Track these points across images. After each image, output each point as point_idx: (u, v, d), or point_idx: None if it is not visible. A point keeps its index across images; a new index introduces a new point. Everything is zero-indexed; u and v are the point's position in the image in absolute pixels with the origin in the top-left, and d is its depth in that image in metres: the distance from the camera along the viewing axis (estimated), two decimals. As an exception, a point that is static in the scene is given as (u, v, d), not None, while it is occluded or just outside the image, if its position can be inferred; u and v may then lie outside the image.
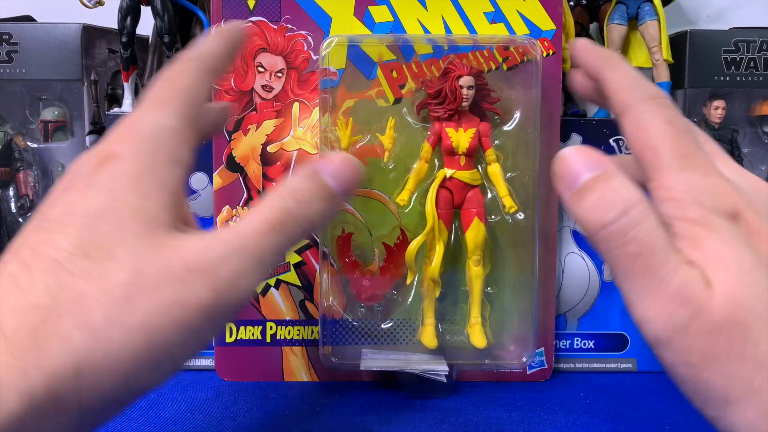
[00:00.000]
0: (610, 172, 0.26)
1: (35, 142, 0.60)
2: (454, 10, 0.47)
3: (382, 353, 0.45)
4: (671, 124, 0.26)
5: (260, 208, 0.27)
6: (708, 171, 0.26)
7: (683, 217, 0.25)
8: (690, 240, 0.25)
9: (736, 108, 0.60)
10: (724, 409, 0.23)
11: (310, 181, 0.28)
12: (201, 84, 0.29)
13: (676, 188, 0.25)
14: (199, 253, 0.25)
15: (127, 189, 0.25)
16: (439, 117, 0.44)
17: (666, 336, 0.24)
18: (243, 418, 0.42)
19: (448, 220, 0.44)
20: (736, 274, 0.24)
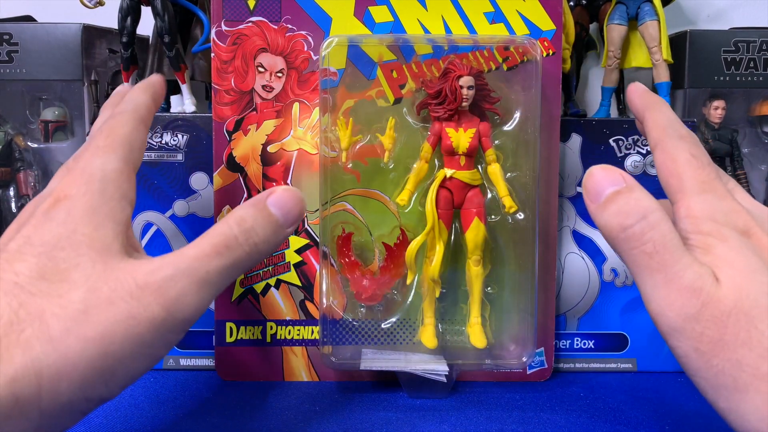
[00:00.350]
0: (631, 185, 0.30)
1: (35, 142, 0.60)
2: (454, 10, 0.47)
3: (382, 353, 0.45)
4: (695, 157, 0.31)
5: (208, 233, 0.30)
6: (724, 195, 0.29)
7: (698, 230, 0.28)
8: (703, 248, 0.28)
9: (735, 108, 0.60)
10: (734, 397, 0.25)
11: (254, 209, 0.31)
12: (137, 132, 0.34)
13: (694, 207, 0.29)
14: (150, 273, 0.27)
15: (81, 221, 0.28)
16: (439, 117, 0.44)
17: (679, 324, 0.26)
18: (243, 418, 0.42)
19: (448, 220, 0.44)
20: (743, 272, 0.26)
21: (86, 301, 0.26)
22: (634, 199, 0.29)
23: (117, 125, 0.33)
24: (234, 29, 0.47)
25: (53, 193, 0.30)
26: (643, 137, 0.53)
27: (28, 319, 0.25)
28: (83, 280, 0.26)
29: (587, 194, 0.31)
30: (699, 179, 0.30)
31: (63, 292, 0.26)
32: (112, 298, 0.26)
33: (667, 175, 0.31)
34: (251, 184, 0.48)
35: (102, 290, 0.26)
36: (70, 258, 0.27)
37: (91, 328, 0.25)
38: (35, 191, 0.60)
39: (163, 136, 0.53)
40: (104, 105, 0.39)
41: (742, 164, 0.60)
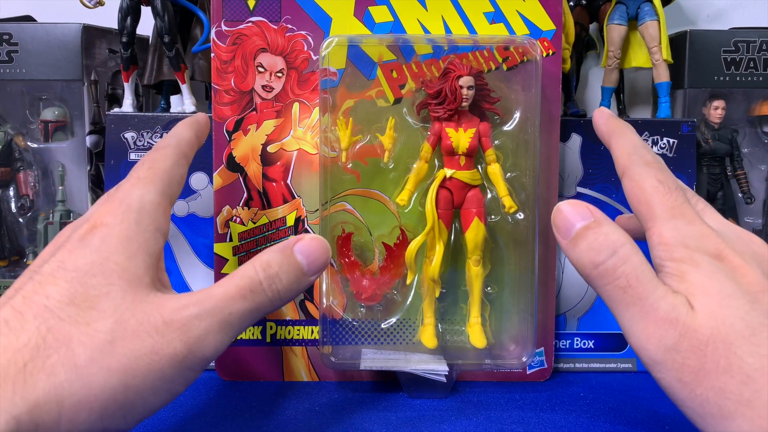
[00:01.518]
0: (600, 219, 0.30)
1: (35, 142, 0.60)
2: (454, 10, 0.47)
3: (382, 353, 0.45)
4: (662, 183, 0.31)
5: (235, 274, 0.31)
6: (693, 219, 0.29)
7: (671, 257, 0.28)
8: (677, 276, 0.28)
9: (735, 108, 0.60)
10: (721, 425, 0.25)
11: (281, 255, 0.32)
12: (178, 167, 0.34)
13: (665, 234, 0.29)
14: (176, 311, 0.28)
15: (115, 250, 0.29)
16: (439, 117, 0.44)
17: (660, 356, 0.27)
18: (243, 418, 0.42)
19: (448, 220, 0.44)
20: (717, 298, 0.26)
21: (113, 332, 0.26)
22: (603, 234, 0.30)
23: (159, 158, 0.34)
24: (234, 29, 0.47)
25: (90, 219, 0.30)
26: (643, 137, 0.53)
27: (55, 345, 0.25)
28: (112, 310, 0.27)
29: (557, 230, 0.31)
30: (668, 205, 0.30)
31: (91, 320, 0.26)
32: (138, 332, 0.27)
33: (637, 202, 0.31)
34: (251, 184, 0.48)
35: (129, 322, 0.27)
36: (101, 285, 0.27)
37: (115, 360, 0.26)
38: (35, 191, 0.60)
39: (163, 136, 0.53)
40: None
41: (742, 164, 0.60)
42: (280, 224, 0.48)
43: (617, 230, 0.30)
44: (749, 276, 0.27)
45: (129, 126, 0.53)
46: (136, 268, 0.29)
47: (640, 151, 0.33)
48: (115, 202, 0.31)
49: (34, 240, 0.60)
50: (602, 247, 0.29)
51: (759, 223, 0.61)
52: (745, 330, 0.25)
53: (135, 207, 0.30)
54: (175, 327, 0.27)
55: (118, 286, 0.28)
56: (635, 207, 0.31)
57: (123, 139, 0.53)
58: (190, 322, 0.28)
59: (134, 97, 0.58)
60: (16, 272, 0.59)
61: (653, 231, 0.30)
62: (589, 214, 0.31)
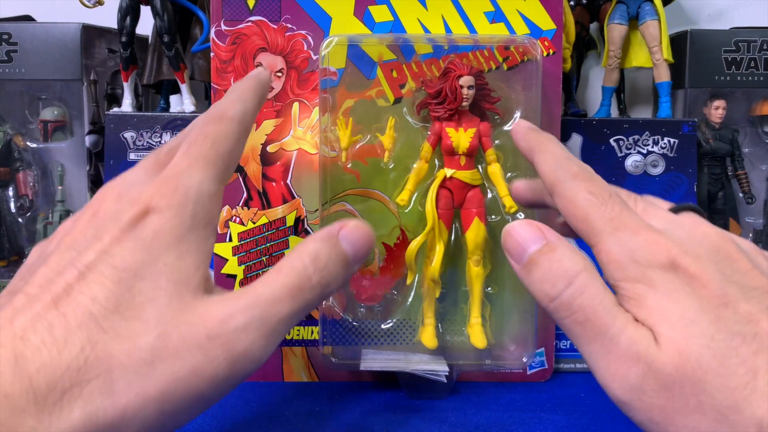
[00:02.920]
0: (552, 243, 0.28)
1: (35, 142, 0.60)
2: (454, 10, 0.47)
3: (382, 353, 0.45)
4: (593, 194, 0.28)
5: (280, 269, 0.28)
6: (637, 228, 0.27)
7: (624, 277, 0.26)
8: (634, 299, 0.26)
9: (736, 108, 0.60)
10: None
11: (328, 245, 0.29)
12: (239, 148, 0.30)
13: (612, 251, 0.27)
14: (221, 323, 0.25)
15: (167, 248, 0.26)
16: (439, 117, 0.44)
17: (627, 397, 0.25)
18: (243, 418, 0.42)
19: (448, 220, 0.44)
20: (680, 327, 0.24)
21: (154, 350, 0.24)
22: (557, 261, 0.27)
23: (223, 135, 0.29)
24: (233, 29, 0.47)
25: (141, 198, 0.27)
26: (644, 137, 0.53)
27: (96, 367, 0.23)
28: (155, 321, 0.24)
29: (509, 255, 0.29)
30: (606, 217, 0.27)
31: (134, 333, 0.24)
32: (180, 349, 0.24)
33: (574, 220, 0.29)
34: (251, 183, 0.48)
35: (172, 337, 0.24)
36: (148, 290, 0.25)
37: (152, 385, 0.24)
38: (34, 191, 0.60)
39: (163, 136, 0.53)
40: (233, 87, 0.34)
41: (742, 164, 0.60)
42: (280, 224, 0.48)
43: (572, 255, 0.27)
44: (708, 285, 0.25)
45: (128, 126, 0.53)
46: (186, 269, 0.26)
47: (565, 164, 0.30)
48: (170, 184, 0.27)
49: (34, 240, 0.60)
50: (556, 277, 0.27)
51: (759, 223, 0.61)
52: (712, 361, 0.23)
53: (192, 197, 0.27)
54: (219, 342, 0.25)
55: (165, 290, 0.25)
56: (573, 225, 0.29)
57: (122, 138, 0.53)
58: (236, 335, 0.25)
59: (134, 96, 0.58)
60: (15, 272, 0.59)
61: (599, 248, 0.27)
62: (541, 236, 0.28)
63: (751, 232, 0.61)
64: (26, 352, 0.23)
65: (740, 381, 0.23)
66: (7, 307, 0.24)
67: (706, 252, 0.26)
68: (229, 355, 0.25)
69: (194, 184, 0.27)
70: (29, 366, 0.22)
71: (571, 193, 0.29)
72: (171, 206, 0.26)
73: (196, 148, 0.28)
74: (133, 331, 0.24)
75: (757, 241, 0.61)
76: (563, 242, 0.28)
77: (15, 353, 0.23)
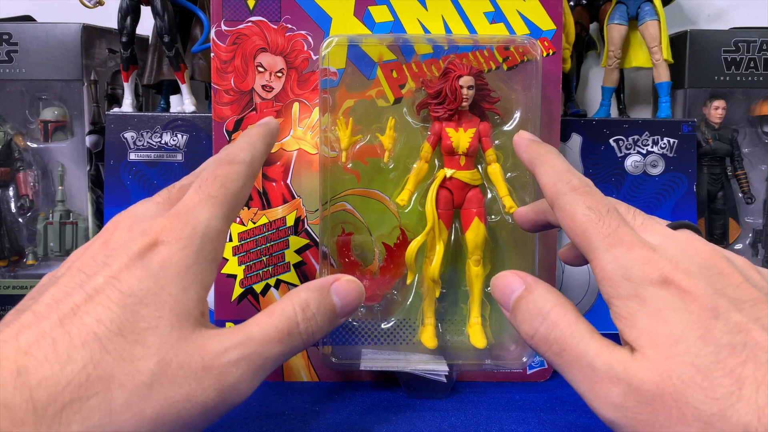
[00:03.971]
0: (530, 286, 0.30)
1: (35, 142, 0.60)
2: (454, 10, 0.47)
3: (382, 353, 0.45)
4: (592, 209, 0.29)
5: (273, 312, 0.30)
6: (632, 244, 0.28)
7: (617, 295, 0.27)
8: (626, 318, 0.27)
9: (736, 108, 0.60)
10: None
11: (318, 295, 0.31)
12: (246, 190, 0.32)
13: (606, 267, 0.28)
14: (217, 356, 0.27)
15: (172, 279, 0.27)
16: (439, 117, 0.44)
17: (610, 415, 0.26)
18: (243, 417, 0.42)
19: (448, 220, 0.44)
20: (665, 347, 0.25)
21: (153, 374, 0.25)
22: (533, 302, 0.29)
23: (232, 176, 0.31)
24: (234, 29, 0.47)
25: (150, 231, 0.28)
26: (644, 137, 0.53)
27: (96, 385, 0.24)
28: (156, 347, 0.26)
29: (500, 305, 0.31)
30: (602, 233, 0.28)
31: (135, 357, 0.25)
32: (177, 377, 0.26)
33: (573, 235, 0.30)
34: (251, 184, 0.48)
35: (171, 364, 0.26)
36: (151, 318, 0.26)
37: (149, 407, 0.25)
38: (35, 191, 0.60)
39: (163, 136, 0.53)
40: None
41: (742, 164, 0.60)
42: (280, 224, 0.48)
43: (546, 294, 0.29)
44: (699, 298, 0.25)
45: (129, 126, 0.53)
46: (188, 302, 0.27)
47: (566, 177, 0.31)
48: (180, 219, 0.29)
49: (34, 240, 0.60)
50: (533, 316, 0.29)
51: (759, 223, 0.61)
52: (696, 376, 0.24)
53: (200, 232, 0.29)
54: (213, 374, 0.27)
55: (167, 320, 0.26)
56: (572, 239, 0.30)
57: (123, 139, 0.53)
58: (228, 369, 0.27)
59: (134, 97, 0.58)
60: (15, 272, 0.59)
61: (594, 264, 0.28)
62: (520, 282, 0.30)
63: (751, 232, 0.61)
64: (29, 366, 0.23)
65: (725, 391, 0.23)
66: (14, 324, 0.25)
67: (697, 268, 0.27)
68: (220, 386, 0.27)
69: (203, 220, 0.29)
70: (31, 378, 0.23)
71: (570, 207, 0.30)
72: (179, 239, 0.28)
73: (206, 188, 0.30)
74: (135, 355, 0.25)
75: (757, 241, 0.61)
76: (540, 284, 0.30)
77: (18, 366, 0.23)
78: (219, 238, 0.30)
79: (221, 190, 0.31)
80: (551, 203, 0.32)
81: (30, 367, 0.23)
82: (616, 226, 0.29)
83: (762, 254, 0.61)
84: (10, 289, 0.56)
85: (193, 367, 0.26)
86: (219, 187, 0.31)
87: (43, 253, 0.59)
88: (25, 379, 0.23)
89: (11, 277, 0.59)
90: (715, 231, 0.60)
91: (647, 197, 0.53)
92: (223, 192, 0.30)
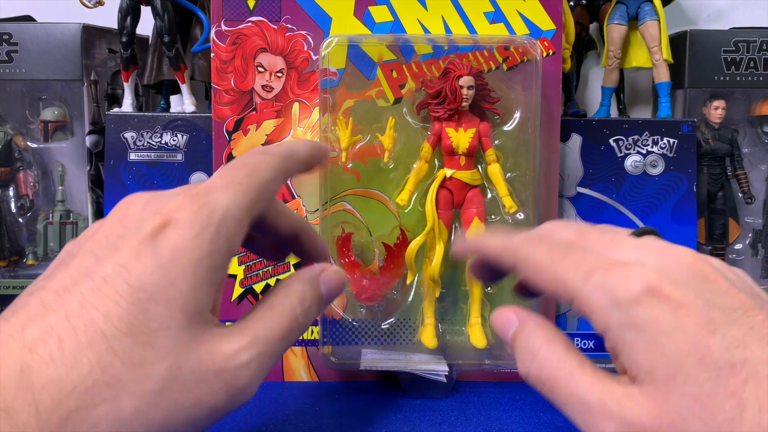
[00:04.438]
0: (523, 322, 0.29)
1: (35, 142, 0.60)
2: (454, 10, 0.47)
3: (382, 353, 0.45)
4: (555, 249, 0.28)
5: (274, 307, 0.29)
6: (608, 266, 0.26)
7: (608, 326, 0.26)
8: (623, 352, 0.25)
9: (736, 108, 0.60)
10: None
11: (310, 287, 0.30)
12: (275, 183, 0.30)
13: (591, 298, 0.26)
14: (228, 359, 0.26)
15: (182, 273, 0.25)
16: (439, 117, 0.44)
17: None
18: (243, 418, 0.42)
19: (448, 220, 0.44)
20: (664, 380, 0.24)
21: (164, 380, 0.24)
22: (525, 339, 0.29)
23: (262, 166, 0.29)
24: (234, 29, 0.47)
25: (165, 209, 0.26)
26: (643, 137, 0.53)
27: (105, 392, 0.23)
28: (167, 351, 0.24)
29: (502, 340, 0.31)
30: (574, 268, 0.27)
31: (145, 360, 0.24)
32: (187, 382, 0.25)
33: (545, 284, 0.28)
34: (251, 184, 0.48)
35: (182, 369, 0.25)
36: (162, 318, 0.25)
37: (158, 413, 0.24)
38: (35, 191, 0.60)
39: (163, 136, 0.53)
40: None
41: (742, 164, 0.60)
42: (280, 224, 0.48)
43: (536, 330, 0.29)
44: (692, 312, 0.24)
45: (129, 126, 0.53)
46: (198, 300, 0.26)
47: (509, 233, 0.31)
48: (197, 200, 0.26)
49: (34, 240, 0.60)
50: (524, 355, 0.29)
51: (759, 223, 0.61)
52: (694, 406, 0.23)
53: (216, 219, 0.26)
54: (224, 378, 0.26)
55: (178, 320, 0.25)
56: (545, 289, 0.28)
57: (123, 139, 0.53)
58: (239, 371, 0.26)
59: (134, 97, 0.58)
60: (15, 272, 0.59)
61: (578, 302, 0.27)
62: (514, 318, 0.30)
63: (751, 232, 0.61)
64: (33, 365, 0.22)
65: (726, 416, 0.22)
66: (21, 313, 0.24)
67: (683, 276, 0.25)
68: (230, 390, 0.26)
69: (221, 205, 0.27)
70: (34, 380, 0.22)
71: (532, 256, 0.29)
72: (193, 223, 0.26)
73: (231, 173, 0.28)
74: (145, 359, 0.24)
75: (757, 240, 0.61)
76: (530, 320, 0.29)
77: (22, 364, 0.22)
78: (236, 230, 0.27)
79: (247, 178, 0.28)
80: (512, 264, 0.30)
81: (34, 367, 0.22)
82: (584, 255, 0.27)
83: (762, 254, 0.61)
84: (10, 289, 0.56)
85: (204, 371, 0.25)
86: (246, 175, 0.28)
87: (43, 253, 0.59)
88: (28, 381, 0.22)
89: (11, 277, 0.59)
90: (715, 231, 0.60)
91: (647, 197, 0.53)
92: (248, 181, 0.28)
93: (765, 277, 0.60)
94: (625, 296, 0.25)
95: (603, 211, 0.53)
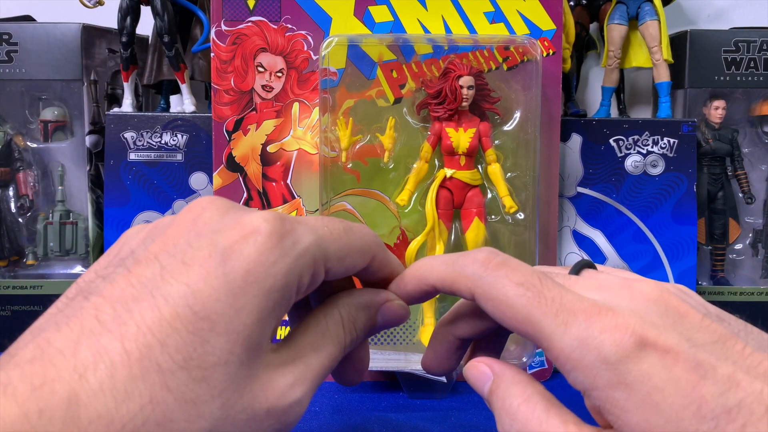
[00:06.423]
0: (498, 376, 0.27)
1: (35, 142, 0.60)
2: (454, 10, 0.47)
3: (382, 353, 0.45)
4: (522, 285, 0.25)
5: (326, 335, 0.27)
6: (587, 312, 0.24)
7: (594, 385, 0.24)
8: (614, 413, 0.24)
9: (736, 108, 0.60)
10: None
11: (366, 315, 0.29)
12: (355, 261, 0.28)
13: (573, 355, 0.24)
14: (282, 396, 0.25)
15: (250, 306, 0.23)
16: (439, 117, 0.44)
17: None
18: (243, 418, 0.42)
19: (448, 220, 0.44)
20: None
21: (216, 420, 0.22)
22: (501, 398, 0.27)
23: (356, 237, 0.27)
24: (234, 29, 0.47)
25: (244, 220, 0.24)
26: (644, 137, 0.53)
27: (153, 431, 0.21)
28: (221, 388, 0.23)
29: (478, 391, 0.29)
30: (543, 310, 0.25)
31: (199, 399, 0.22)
32: (238, 421, 0.23)
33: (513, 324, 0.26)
34: (251, 184, 0.48)
35: (234, 408, 0.23)
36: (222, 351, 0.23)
37: None
38: (35, 191, 0.60)
39: (163, 136, 0.53)
40: None
41: (742, 164, 0.60)
42: (280, 224, 0.48)
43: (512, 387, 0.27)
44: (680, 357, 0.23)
45: (128, 126, 0.53)
46: (260, 335, 0.24)
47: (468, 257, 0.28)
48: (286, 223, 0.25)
49: (34, 240, 0.60)
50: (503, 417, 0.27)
51: (759, 223, 0.61)
52: None
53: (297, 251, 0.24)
54: (275, 416, 0.24)
55: (237, 356, 0.23)
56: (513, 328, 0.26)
57: (122, 139, 0.53)
58: (291, 409, 0.25)
59: (134, 97, 0.58)
60: (15, 272, 0.59)
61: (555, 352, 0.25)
62: (488, 372, 0.28)
63: (751, 232, 0.61)
64: (82, 395, 0.20)
65: None
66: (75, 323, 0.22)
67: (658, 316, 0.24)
68: (279, 426, 0.25)
69: (308, 242, 0.25)
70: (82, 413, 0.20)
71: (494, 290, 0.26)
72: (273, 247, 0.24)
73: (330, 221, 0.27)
74: (199, 397, 0.22)
75: (757, 240, 0.61)
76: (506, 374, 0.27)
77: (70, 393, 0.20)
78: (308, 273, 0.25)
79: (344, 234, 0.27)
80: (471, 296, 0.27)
81: (83, 397, 0.20)
82: (554, 294, 0.25)
83: (762, 254, 0.61)
84: (10, 289, 0.56)
85: (257, 408, 0.24)
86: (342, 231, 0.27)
87: (43, 253, 0.59)
88: (75, 414, 0.20)
89: (11, 277, 0.59)
90: (715, 231, 0.60)
91: (647, 197, 0.53)
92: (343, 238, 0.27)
93: (765, 277, 0.60)
94: (614, 353, 0.23)
95: (603, 211, 0.53)
